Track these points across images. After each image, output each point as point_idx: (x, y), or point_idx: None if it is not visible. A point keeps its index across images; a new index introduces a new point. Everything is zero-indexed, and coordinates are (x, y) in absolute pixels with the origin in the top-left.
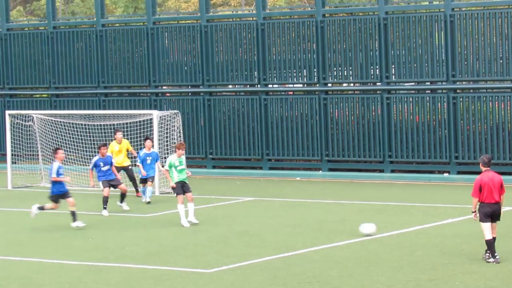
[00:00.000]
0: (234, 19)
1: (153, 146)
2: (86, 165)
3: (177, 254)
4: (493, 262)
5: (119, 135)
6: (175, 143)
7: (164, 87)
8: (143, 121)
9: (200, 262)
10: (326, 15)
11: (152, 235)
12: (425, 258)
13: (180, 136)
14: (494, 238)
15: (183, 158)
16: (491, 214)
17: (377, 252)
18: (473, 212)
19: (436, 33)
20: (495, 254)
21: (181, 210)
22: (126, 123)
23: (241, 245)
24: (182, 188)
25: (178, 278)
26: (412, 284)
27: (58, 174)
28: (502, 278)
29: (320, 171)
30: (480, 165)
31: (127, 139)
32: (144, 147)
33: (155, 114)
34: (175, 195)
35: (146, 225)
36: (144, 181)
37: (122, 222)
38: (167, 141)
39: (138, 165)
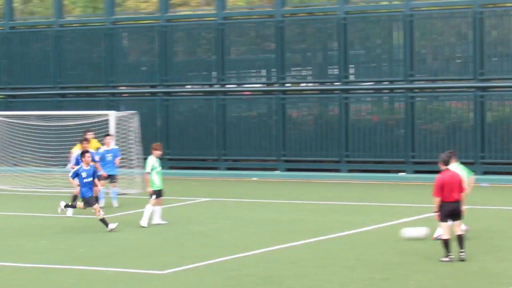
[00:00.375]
0: (193, 19)
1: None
2: (43, 167)
3: (131, 255)
4: (447, 261)
5: (90, 135)
6: (132, 144)
7: (121, 88)
8: (100, 121)
9: (154, 264)
10: (286, 15)
11: (106, 237)
12: (379, 258)
13: (137, 137)
14: (461, 235)
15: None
16: (451, 212)
17: (332, 252)
18: (435, 212)
19: (396, 33)
20: (449, 254)
21: (149, 211)
22: (83, 124)
23: (196, 246)
24: (159, 193)
25: (132, 280)
26: (366, 283)
27: (78, 177)
28: (456, 277)
29: (277, 171)
30: (440, 163)
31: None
32: (104, 144)
33: (112, 114)
34: (152, 198)
35: (100, 227)
36: (109, 178)
37: (75, 223)
38: (124, 142)
39: (95, 162)
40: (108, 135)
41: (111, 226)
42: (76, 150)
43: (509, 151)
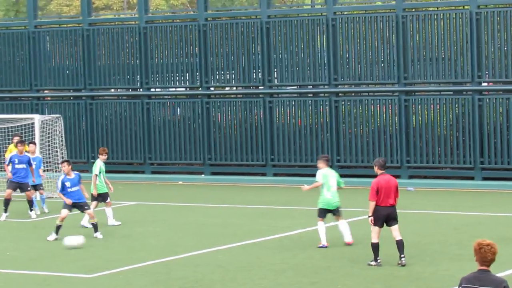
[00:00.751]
0: (116, 23)
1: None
2: None
3: (59, 259)
4: (374, 265)
5: (16, 139)
6: (57, 147)
7: (45, 91)
8: (25, 125)
9: (81, 267)
10: (209, 19)
11: (33, 241)
12: (307, 262)
13: (62, 141)
14: (400, 241)
15: None
16: (386, 217)
17: (260, 256)
18: (369, 216)
19: (318, 37)
20: (377, 258)
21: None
22: (7, 128)
23: (123, 250)
24: (103, 197)
25: (59, 284)
26: (295, 287)
27: (64, 188)
28: (384, 281)
29: (203, 175)
30: (376, 168)
31: (8, 144)
32: (28, 152)
33: (37, 118)
34: (94, 202)
35: (28, 230)
36: (35, 186)
37: (2, 227)
38: (49, 146)
39: (6, 167)
40: (31, 143)
41: (50, 237)
42: (12, 153)
43: (434, 155)
